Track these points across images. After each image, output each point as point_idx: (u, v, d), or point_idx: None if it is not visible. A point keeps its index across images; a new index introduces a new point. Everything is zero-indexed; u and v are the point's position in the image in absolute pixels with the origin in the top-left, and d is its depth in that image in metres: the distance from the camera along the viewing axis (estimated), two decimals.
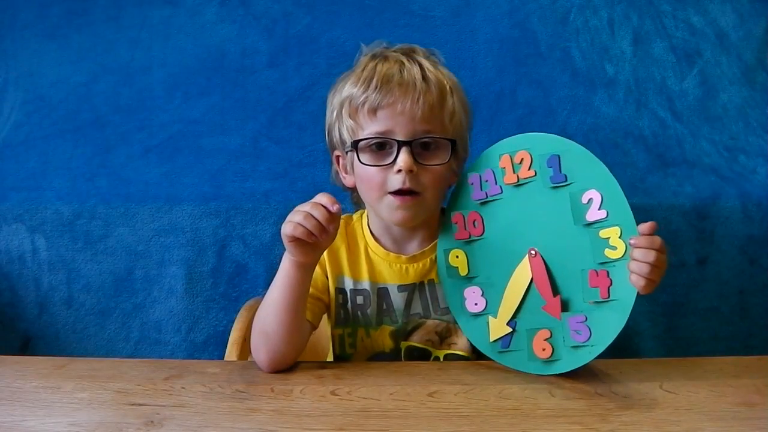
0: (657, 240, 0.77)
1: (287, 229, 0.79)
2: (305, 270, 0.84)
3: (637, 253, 0.77)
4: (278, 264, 1.35)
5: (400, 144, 0.86)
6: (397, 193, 0.86)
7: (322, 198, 0.80)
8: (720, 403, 0.76)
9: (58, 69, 1.37)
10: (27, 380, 0.81)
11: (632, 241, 0.78)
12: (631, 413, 0.73)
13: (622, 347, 0.82)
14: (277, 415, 0.72)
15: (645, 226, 0.77)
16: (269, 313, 0.85)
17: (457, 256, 0.90)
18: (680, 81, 1.35)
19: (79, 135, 1.35)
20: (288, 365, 0.86)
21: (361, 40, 1.32)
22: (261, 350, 0.85)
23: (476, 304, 0.88)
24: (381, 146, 0.87)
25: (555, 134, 0.86)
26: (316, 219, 0.79)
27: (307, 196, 1.29)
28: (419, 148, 0.87)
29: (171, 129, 1.34)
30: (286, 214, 1.28)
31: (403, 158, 0.85)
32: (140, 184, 1.33)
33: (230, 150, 1.34)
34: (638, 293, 0.78)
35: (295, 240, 0.80)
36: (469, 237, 0.89)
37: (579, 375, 0.83)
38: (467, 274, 0.89)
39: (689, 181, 1.32)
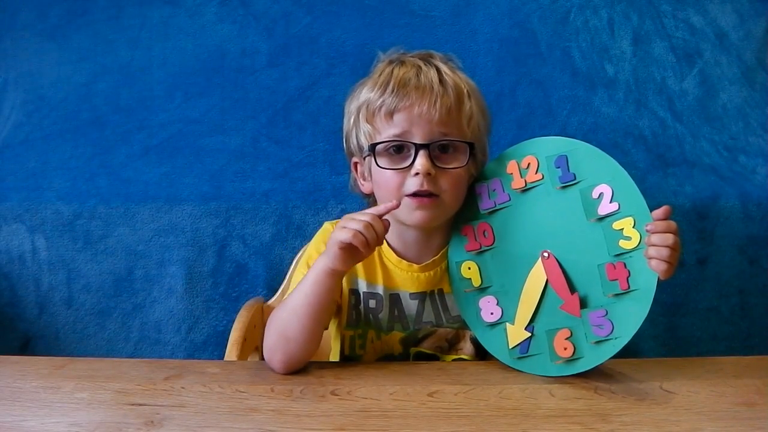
0: (672, 224, 0.79)
1: (344, 235, 0.79)
2: (338, 278, 0.85)
3: (655, 238, 0.78)
4: (278, 264, 1.35)
5: (418, 147, 0.85)
6: (415, 195, 0.86)
7: (377, 212, 0.82)
8: (720, 403, 0.76)
9: (58, 69, 1.37)
10: (27, 380, 0.81)
11: (649, 227, 0.79)
12: (631, 413, 0.73)
13: (622, 347, 0.82)
14: (277, 415, 0.72)
15: (660, 212, 0.79)
16: (292, 319, 0.84)
17: (469, 268, 0.89)
18: (680, 81, 1.35)
19: (79, 135, 1.35)
20: (301, 367, 0.86)
21: (361, 40, 1.33)
22: (277, 352, 0.84)
23: (492, 313, 0.88)
24: (399, 150, 0.87)
25: (556, 134, 0.86)
26: (375, 231, 0.80)
27: (307, 196, 1.31)
28: (437, 151, 0.86)
29: (171, 129, 1.34)
30: (286, 214, 1.31)
31: (420, 161, 0.84)
32: (140, 184, 1.33)
33: (230, 150, 1.34)
34: (659, 279, 0.79)
35: (347, 247, 0.80)
36: (480, 247, 0.89)
37: (579, 375, 0.83)
38: (480, 285, 0.89)
39: (689, 181, 1.32)
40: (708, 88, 1.35)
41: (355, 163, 0.96)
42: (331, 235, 0.82)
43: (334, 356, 0.99)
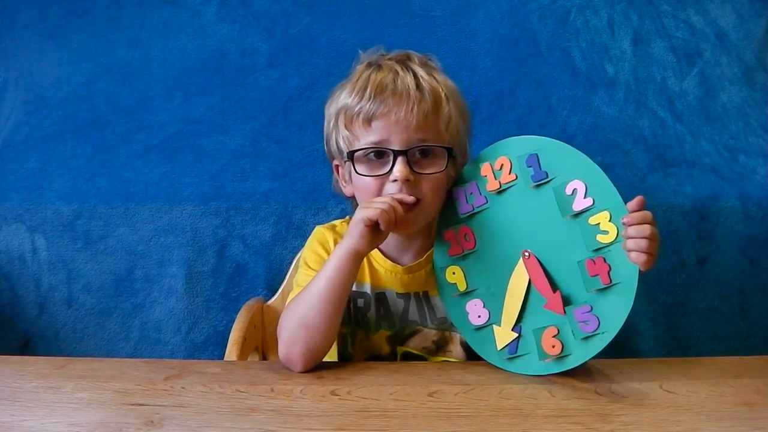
0: (648, 214, 0.79)
1: (371, 212, 0.82)
2: (358, 260, 0.86)
3: (633, 230, 0.78)
4: (278, 264, 1.35)
5: (396, 153, 0.86)
6: None
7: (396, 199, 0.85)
8: (720, 403, 0.76)
9: (58, 69, 1.37)
10: (27, 380, 0.81)
11: (625, 220, 0.79)
12: (631, 413, 0.73)
13: (622, 347, 0.83)
14: (277, 415, 0.72)
15: (633, 203, 0.79)
16: (312, 306, 0.85)
17: (454, 273, 0.90)
18: (680, 81, 1.35)
19: (79, 135, 1.35)
20: (320, 361, 0.86)
21: (361, 40, 1.32)
22: (297, 344, 0.84)
23: (479, 316, 0.88)
24: (378, 155, 0.88)
25: (554, 135, 0.86)
26: (395, 214, 0.84)
27: (307, 196, 1.31)
28: (416, 156, 0.87)
29: (171, 129, 1.34)
30: (286, 214, 1.31)
31: (398, 168, 0.85)
32: (140, 184, 1.33)
33: (230, 150, 1.34)
34: (640, 271, 0.79)
35: (372, 225, 0.83)
36: (463, 252, 0.89)
37: (579, 375, 0.83)
38: (466, 289, 0.89)
39: (689, 181, 1.32)
40: (708, 88, 1.35)
41: (336, 165, 0.97)
42: (355, 217, 0.84)
43: (331, 356, 1.00)
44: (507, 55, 1.34)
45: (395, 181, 0.86)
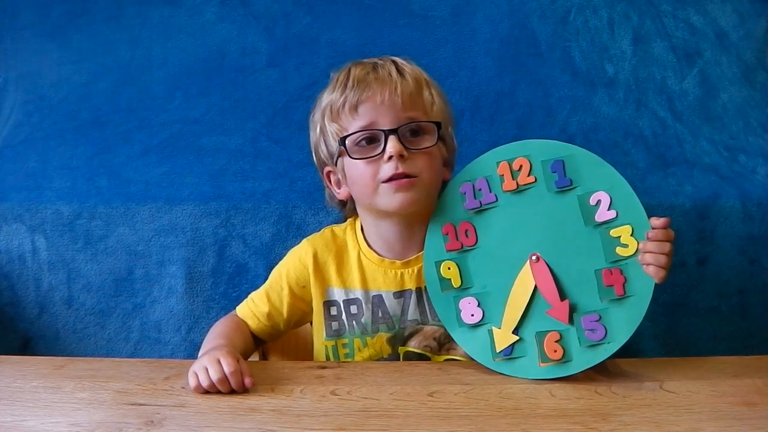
0: (671, 233, 0.82)
1: (191, 381, 0.79)
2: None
3: (654, 246, 0.81)
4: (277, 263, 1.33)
5: (387, 133, 0.87)
6: (391, 179, 0.87)
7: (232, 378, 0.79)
8: (720, 403, 0.76)
9: (58, 69, 1.37)
10: (27, 380, 0.81)
11: (650, 234, 0.81)
12: (631, 413, 0.73)
13: (622, 347, 0.83)
14: (277, 415, 0.72)
15: (661, 221, 0.81)
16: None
17: (449, 268, 0.89)
18: (680, 81, 1.35)
19: (79, 135, 1.35)
20: None
21: (361, 40, 1.33)
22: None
23: (473, 315, 0.87)
24: (369, 141, 0.89)
25: (554, 135, 0.87)
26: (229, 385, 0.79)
27: (307, 196, 1.31)
28: (407, 135, 0.88)
29: (171, 129, 1.34)
30: (286, 214, 1.31)
31: (391, 144, 0.86)
32: (140, 184, 1.33)
33: (230, 150, 1.34)
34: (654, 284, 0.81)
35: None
36: (462, 247, 0.89)
37: (579, 375, 0.83)
38: (461, 286, 0.88)
39: (689, 181, 1.32)
40: (708, 88, 1.35)
41: (328, 173, 0.97)
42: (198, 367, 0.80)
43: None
44: (507, 55, 1.34)
45: (390, 159, 0.86)
